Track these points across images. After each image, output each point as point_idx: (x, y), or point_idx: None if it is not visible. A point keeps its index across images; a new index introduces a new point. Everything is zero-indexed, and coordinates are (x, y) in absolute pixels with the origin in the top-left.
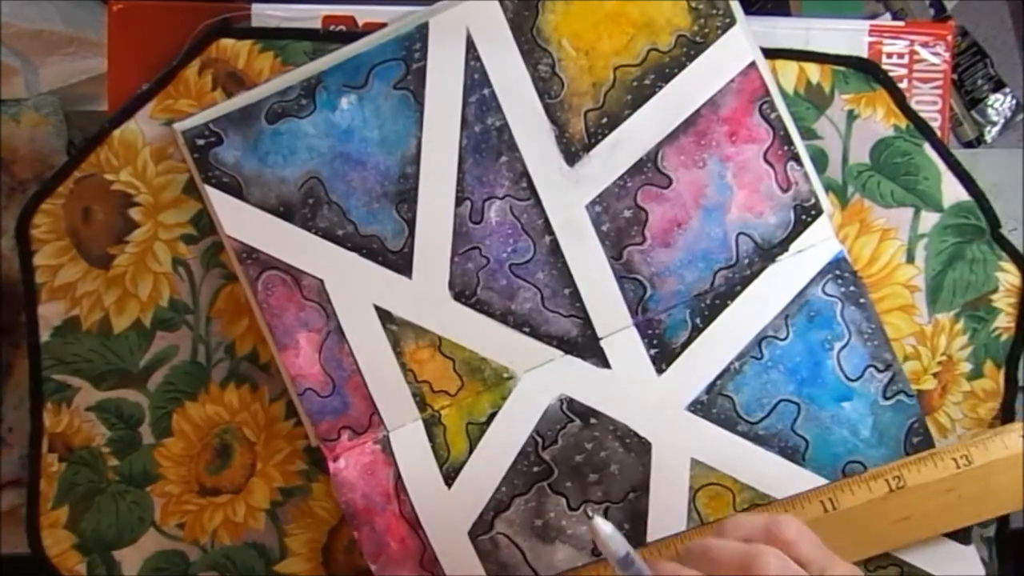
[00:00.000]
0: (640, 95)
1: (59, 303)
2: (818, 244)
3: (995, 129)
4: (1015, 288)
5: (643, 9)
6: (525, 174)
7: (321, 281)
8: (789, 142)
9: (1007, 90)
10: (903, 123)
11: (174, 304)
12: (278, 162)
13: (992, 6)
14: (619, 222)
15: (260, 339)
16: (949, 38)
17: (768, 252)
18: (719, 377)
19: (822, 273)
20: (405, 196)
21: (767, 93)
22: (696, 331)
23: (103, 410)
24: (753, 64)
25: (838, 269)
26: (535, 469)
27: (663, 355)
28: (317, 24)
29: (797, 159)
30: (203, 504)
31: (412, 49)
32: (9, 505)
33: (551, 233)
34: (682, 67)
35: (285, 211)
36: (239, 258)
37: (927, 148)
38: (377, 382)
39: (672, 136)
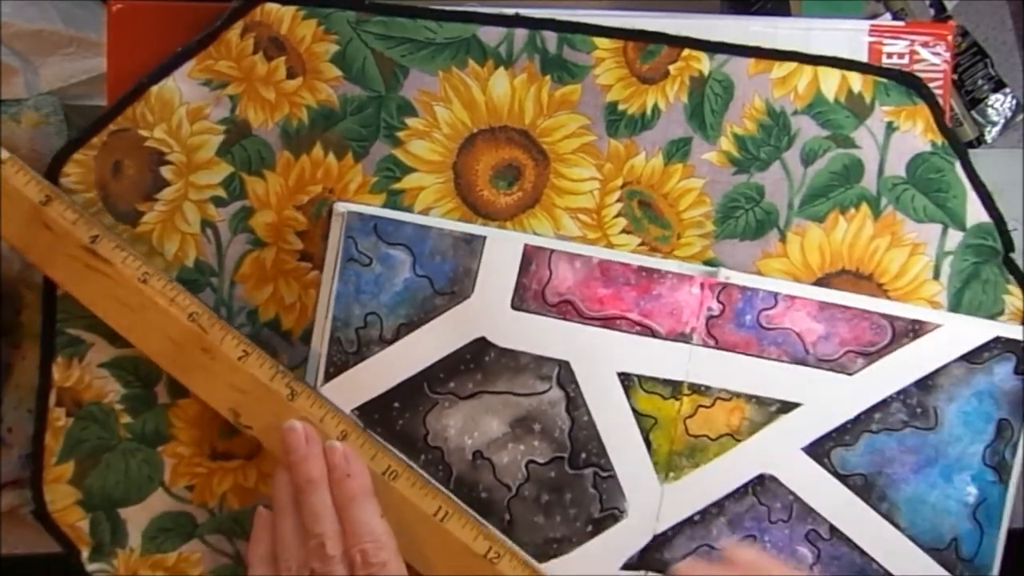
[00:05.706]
0: None
1: None
2: None
3: (995, 129)
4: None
5: None
6: None
7: None
8: None
9: (1007, 90)
10: (939, 140)
11: (200, 265)
12: None
13: (992, 6)
14: None
15: (283, 306)
16: (949, 38)
17: None
18: None
19: None
20: None
21: None
22: None
23: (119, 367)
24: None
25: None
26: None
27: None
28: None
29: None
30: (214, 468)
31: None
32: (9, 505)
33: None
34: None
35: None
36: None
37: (958, 167)
38: None
39: None
